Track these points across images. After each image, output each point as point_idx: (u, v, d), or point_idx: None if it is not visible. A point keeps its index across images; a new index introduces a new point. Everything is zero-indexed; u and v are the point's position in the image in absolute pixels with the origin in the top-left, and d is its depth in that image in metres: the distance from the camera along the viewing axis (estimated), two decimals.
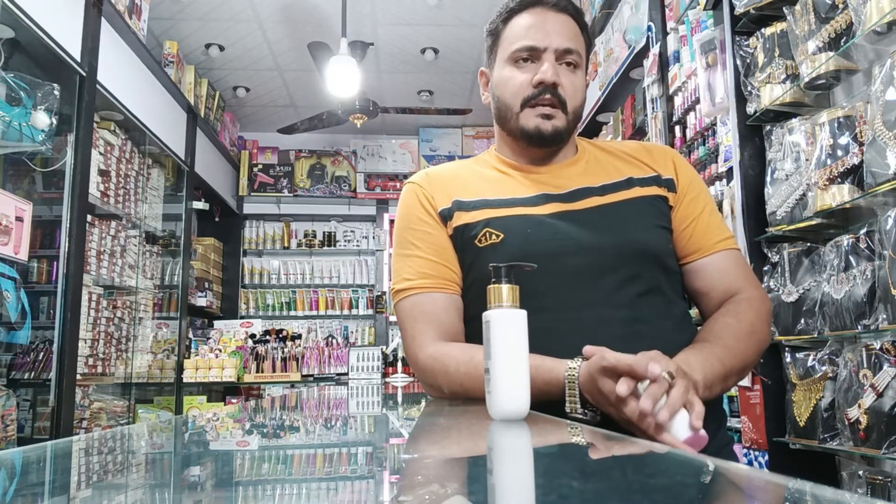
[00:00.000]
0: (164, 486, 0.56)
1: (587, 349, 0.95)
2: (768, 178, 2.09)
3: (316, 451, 0.76)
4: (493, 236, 1.15)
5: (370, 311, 6.34)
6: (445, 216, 1.20)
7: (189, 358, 4.49)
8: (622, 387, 0.85)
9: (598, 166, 1.24)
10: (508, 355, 0.83)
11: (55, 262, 3.06)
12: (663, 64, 2.95)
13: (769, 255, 2.10)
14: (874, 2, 1.64)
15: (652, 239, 1.16)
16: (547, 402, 0.96)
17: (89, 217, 3.30)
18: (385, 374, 4.61)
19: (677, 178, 1.23)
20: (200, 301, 5.24)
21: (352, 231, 6.60)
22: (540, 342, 0.99)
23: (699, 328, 1.19)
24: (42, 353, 3.09)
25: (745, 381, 2.07)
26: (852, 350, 1.73)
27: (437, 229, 1.21)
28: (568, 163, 1.25)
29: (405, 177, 6.47)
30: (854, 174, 1.76)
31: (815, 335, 1.88)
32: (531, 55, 1.18)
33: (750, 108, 2.16)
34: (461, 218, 1.19)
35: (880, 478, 1.72)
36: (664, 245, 1.18)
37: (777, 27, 2.06)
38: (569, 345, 1.03)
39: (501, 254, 1.11)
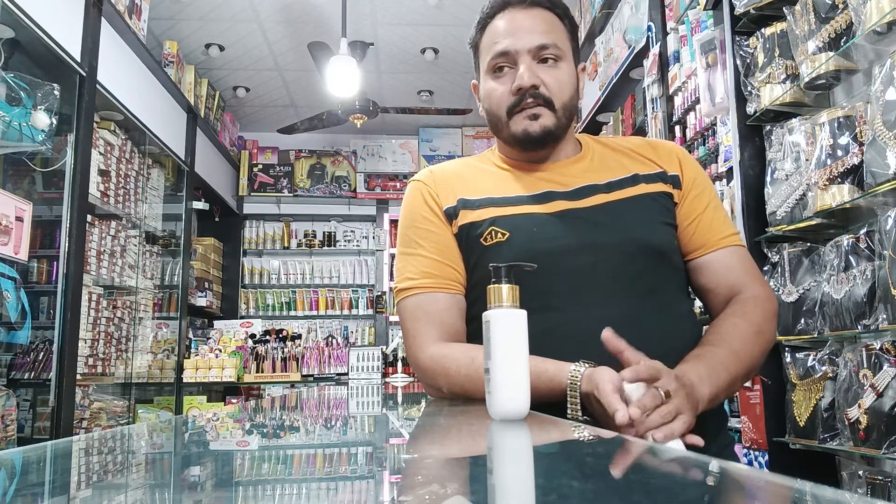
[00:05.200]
0: (164, 486, 0.56)
1: (606, 335, 0.94)
2: (768, 178, 2.09)
3: (316, 451, 0.76)
4: (499, 235, 1.14)
5: (370, 311, 6.34)
6: (450, 215, 1.20)
7: (189, 358, 4.49)
8: (620, 414, 0.85)
9: (603, 163, 1.23)
10: (508, 355, 0.83)
11: (55, 262, 3.06)
12: (663, 64, 2.95)
13: (769, 255, 2.10)
14: (874, 2, 1.64)
15: (657, 236, 1.15)
16: (548, 403, 0.96)
17: (89, 217, 3.30)
18: (385, 374, 4.61)
19: (682, 174, 1.23)
20: (200, 301, 5.24)
21: (352, 231, 6.60)
22: (546, 341, 0.99)
23: (704, 326, 1.19)
24: (42, 353, 3.09)
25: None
26: (852, 350, 1.73)
27: (441, 228, 1.21)
28: (572, 160, 1.24)
29: (405, 177, 6.47)
30: (854, 174, 1.76)
31: (815, 335, 1.88)
32: (507, 62, 1.18)
33: (750, 108, 2.16)
34: (466, 216, 1.18)
35: (880, 478, 1.72)
36: (669, 242, 1.17)
37: (777, 27, 2.06)
38: (575, 343, 1.02)
39: (507, 252, 1.11)
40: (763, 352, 1.10)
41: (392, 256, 6.21)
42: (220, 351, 4.52)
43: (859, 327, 1.69)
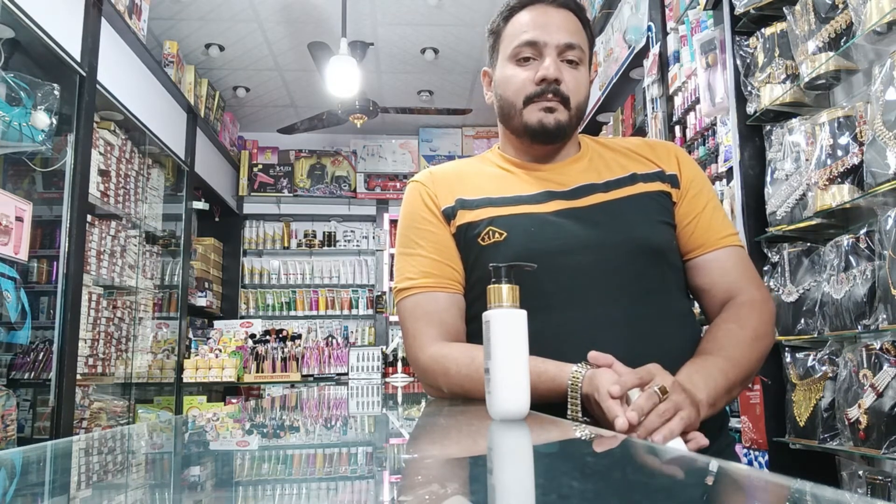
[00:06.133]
0: (164, 486, 0.56)
1: (592, 355, 0.95)
2: (768, 178, 2.09)
3: (316, 451, 0.76)
4: (497, 235, 1.14)
5: (370, 311, 6.34)
6: (449, 215, 1.20)
7: (189, 358, 4.49)
8: (619, 421, 0.85)
9: (602, 163, 1.24)
10: (508, 355, 0.83)
11: (55, 262, 3.06)
12: (663, 64, 2.95)
13: (769, 255, 2.10)
14: (874, 2, 1.64)
15: (656, 235, 1.15)
16: (548, 403, 0.96)
17: (89, 217, 3.30)
18: (385, 374, 4.61)
19: (680, 173, 1.23)
20: (200, 301, 5.24)
21: (352, 231, 6.60)
22: (544, 341, 0.99)
23: (703, 326, 1.18)
24: (42, 353, 3.09)
25: None
26: (852, 350, 1.73)
27: (440, 228, 1.21)
28: (571, 160, 1.24)
29: (405, 177, 6.47)
30: (854, 174, 1.76)
31: (815, 335, 1.88)
32: (533, 52, 1.18)
33: (750, 108, 2.16)
34: (464, 216, 1.18)
35: (880, 478, 1.72)
36: (668, 241, 1.17)
37: (777, 27, 2.06)
38: (573, 343, 1.02)
39: (505, 252, 1.11)
40: (760, 357, 1.09)
41: (392, 256, 6.21)
42: (220, 351, 4.52)
43: (859, 327, 1.69)
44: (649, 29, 3.09)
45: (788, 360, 1.98)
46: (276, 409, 1.31)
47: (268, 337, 4.75)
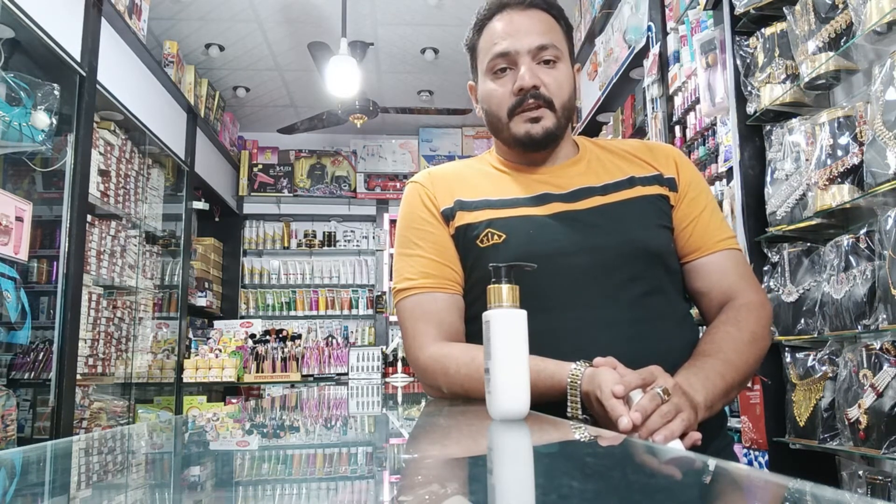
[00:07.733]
0: (164, 486, 0.56)
1: (596, 361, 0.96)
2: (768, 178, 2.09)
3: (316, 451, 0.76)
4: (495, 237, 1.14)
5: (370, 311, 6.34)
6: (448, 216, 1.20)
7: (189, 358, 4.49)
8: (623, 421, 0.86)
9: (600, 165, 1.23)
10: (508, 355, 0.83)
11: (55, 262, 3.06)
12: (663, 64, 2.95)
13: (769, 255, 2.10)
14: (874, 2, 1.64)
15: (654, 238, 1.15)
16: (547, 402, 0.97)
17: (89, 217, 3.30)
18: (385, 374, 4.61)
19: (678, 177, 1.23)
20: (200, 301, 5.24)
21: (352, 231, 6.60)
22: (543, 343, 0.99)
23: (701, 328, 1.18)
24: (42, 353, 3.09)
25: None
26: (852, 350, 1.73)
27: (439, 229, 1.21)
28: (569, 162, 1.24)
29: (405, 177, 6.47)
30: (854, 174, 1.76)
31: (815, 335, 1.88)
32: (507, 63, 1.18)
33: (750, 108, 2.16)
34: (463, 218, 1.18)
35: (880, 478, 1.72)
36: (666, 244, 1.17)
37: (777, 27, 2.06)
38: (572, 345, 1.02)
39: (503, 254, 1.11)
40: (757, 359, 1.09)
41: (392, 256, 6.21)
42: (220, 351, 4.52)
43: (859, 327, 1.69)
44: (649, 29, 3.09)
45: (788, 360, 1.98)
46: (276, 409, 1.31)
47: (268, 337, 4.75)
